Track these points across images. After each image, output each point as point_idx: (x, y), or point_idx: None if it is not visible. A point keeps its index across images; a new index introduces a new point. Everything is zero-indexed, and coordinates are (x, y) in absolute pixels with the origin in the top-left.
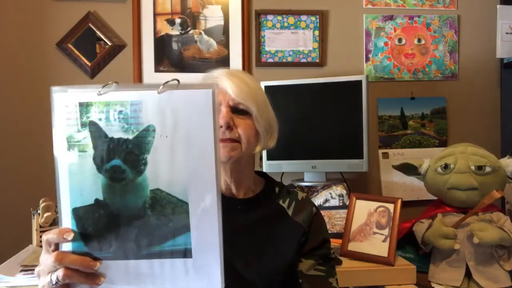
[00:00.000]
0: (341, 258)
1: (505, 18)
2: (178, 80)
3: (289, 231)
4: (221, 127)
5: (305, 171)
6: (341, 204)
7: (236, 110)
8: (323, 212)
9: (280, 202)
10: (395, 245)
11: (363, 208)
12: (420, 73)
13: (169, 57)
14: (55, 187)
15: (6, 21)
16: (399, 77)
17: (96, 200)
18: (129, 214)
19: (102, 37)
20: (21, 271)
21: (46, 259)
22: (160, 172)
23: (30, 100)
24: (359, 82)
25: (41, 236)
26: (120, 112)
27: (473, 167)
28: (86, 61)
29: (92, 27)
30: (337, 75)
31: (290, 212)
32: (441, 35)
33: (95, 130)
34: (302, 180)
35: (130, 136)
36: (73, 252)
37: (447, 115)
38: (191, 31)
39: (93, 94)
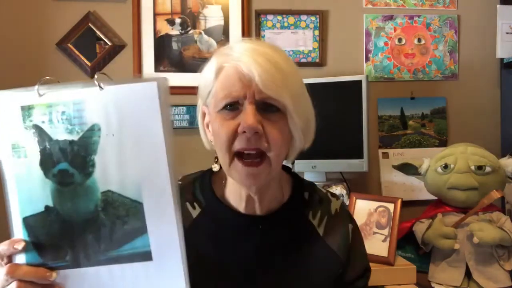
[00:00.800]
0: None
1: (505, 18)
2: (105, 74)
3: (321, 258)
4: (243, 132)
5: (305, 171)
6: None
7: (264, 106)
8: None
9: (310, 217)
10: (395, 245)
11: (363, 208)
12: (420, 73)
13: (169, 57)
14: (4, 196)
15: (6, 21)
16: (399, 77)
17: (46, 207)
18: (81, 219)
19: (102, 37)
20: None
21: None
22: (109, 173)
23: None
24: (359, 82)
25: None
26: (63, 112)
27: (473, 167)
28: (86, 61)
29: (92, 27)
30: (337, 75)
31: (321, 231)
32: (441, 35)
33: (40, 134)
34: None
35: (75, 137)
36: (28, 264)
37: (447, 115)
38: (191, 31)
39: (34, 96)
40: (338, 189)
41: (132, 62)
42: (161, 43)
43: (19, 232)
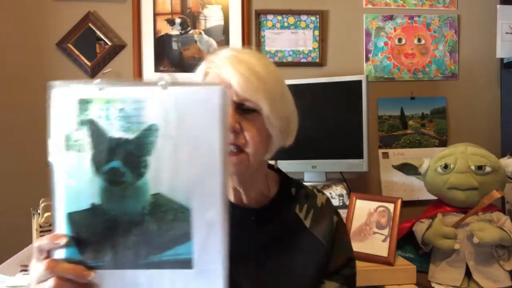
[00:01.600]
0: None
1: (505, 18)
2: (171, 74)
3: (307, 248)
4: None
5: (305, 171)
6: (341, 204)
7: (243, 107)
8: None
9: (297, 210)
10: (395, 245)
11: (363, 208)
12: (420, 73)
13: (169, 57)
14: (51, 189)
15: (6, 21)
16: (399, 77)
17: (93, 205)
18: (127, 220)
19: (102, 37)
20: (21, 271)
21: (37, 267)
22: (161, 175)
23: (30, 100)
24: (359, 82)
25: (41, 236)
26: (121, 109)
27: (473, 167)
28: (86, 61)
29: (92, 27)
30: (337, 75)
31: (307, 223)
32: (441, 35)
33: (94, 129)
34: (302, 180)
35: (131, 136)
36: (67, 260)
37: (447, 115)
38: (191, 31)
39: (93, 90)
40: (338, 189)
41: (132, 62)
42: (161, 43)
43: (61, 227)
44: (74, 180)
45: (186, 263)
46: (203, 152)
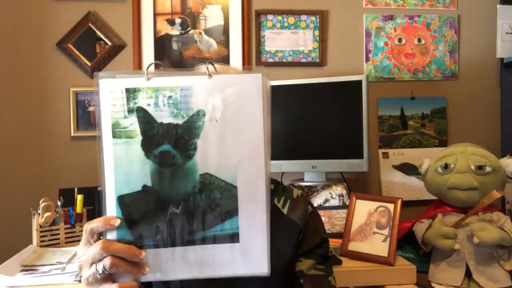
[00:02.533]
0: (341, 258)
1: (505, 18)
2: (212, 64)
3: (285, 229)
4: None
5: (305, 171)
6: (341, 204)
7: None
8: (323, 212)
9: (275, 201)
10: (395, 245)
11: (363, 208)
12: (420, 73)
13: (169, 57)
14: (100, 175)
15: (6, 21)
16: (399, 77)
17: (144, 186)
18: (177, 199)
19: (102, 37)
20: (21, 271)
21: (89, 249)
22: (209, 156)
23: (30, 100)
24: (359, 82)
25: (41, 236)
26: (170, 97)
27: (473, 167)
28: (86, 61)
29: (92, 27)
30: (337, 75)
31: (285, 210)
32: (441, 35)
33: (144, 116)
34: (302, 180)
35: (180, 121)
36: (118, 241)
37: (447, 115)
38: (191, 31)
39: (141, 80)
40: (338, 189)
41: (132, 62)
42: (161, 43)
43: (112, 210)
44: (124, 165)
45: (233, 237)
46: (247, 133)
